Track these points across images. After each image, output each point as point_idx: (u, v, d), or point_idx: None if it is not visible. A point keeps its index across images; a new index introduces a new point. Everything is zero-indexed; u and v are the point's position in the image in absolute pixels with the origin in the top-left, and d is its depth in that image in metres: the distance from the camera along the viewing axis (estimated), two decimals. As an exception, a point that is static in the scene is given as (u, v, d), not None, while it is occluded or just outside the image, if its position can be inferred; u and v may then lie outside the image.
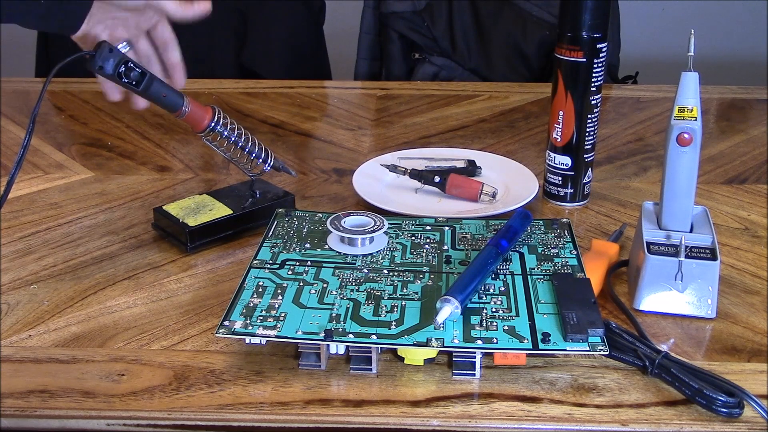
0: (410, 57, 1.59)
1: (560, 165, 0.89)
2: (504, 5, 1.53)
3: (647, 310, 0.69)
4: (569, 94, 0.86)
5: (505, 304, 0.64)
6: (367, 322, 0.62)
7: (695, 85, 0.68)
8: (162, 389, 0.60)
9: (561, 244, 0.73)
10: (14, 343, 0.66)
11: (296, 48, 1.63)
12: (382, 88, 1.33)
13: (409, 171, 0.90)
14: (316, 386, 0.60)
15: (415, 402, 0.59)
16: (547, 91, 0.90)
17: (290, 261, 0.71)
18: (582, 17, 0.82)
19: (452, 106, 1.23)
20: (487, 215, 0.83)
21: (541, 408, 0.58)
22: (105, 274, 0.75)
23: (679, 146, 0.69)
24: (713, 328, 0.68)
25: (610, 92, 1.31)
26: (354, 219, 0.75)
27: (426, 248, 0.73)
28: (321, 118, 1.19)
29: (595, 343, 0.59)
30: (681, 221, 0.71)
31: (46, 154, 1.04)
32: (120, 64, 0.71)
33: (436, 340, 0.59)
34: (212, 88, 1.29)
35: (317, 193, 0.93)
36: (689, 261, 0.67)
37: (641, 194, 0.93)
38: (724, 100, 1.27)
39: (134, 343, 0.66)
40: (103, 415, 0.58)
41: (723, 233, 0.83)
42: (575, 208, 0.90)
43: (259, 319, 0.62)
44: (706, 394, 0.57)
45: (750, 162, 1.03)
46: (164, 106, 0.75)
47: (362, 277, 0.68)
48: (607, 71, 1.52)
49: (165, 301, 0.72)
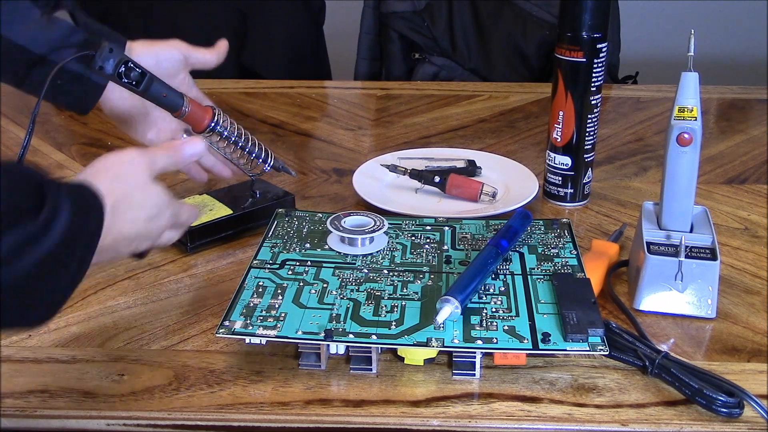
0: (410, 57, 1.59)
1: (560, 165, 0.89)
2: (504, 5, 1.53)
3: (647, 310, 0.69)
4: (569, 94, 0.85)
5: (505, 304, 0.64)
6: (367, 322, 0.62)
7: (695, 85, 0.68)
8: (162, 389, 0.60)
9: (561, 244, 0.73)
10: (14, 343, 0.66)
11: (296, 48, 1.63)
12: (382, 88, 1.33)
13: (409, 171, 0.90)
14: (316, 386, 0.60)
15: (415, 402, 0.59)
16: (547, 91, 0.90)
17: (290, 261, 0.71)
18: (582, 17, 0.82)
19: (452, 106, 1.23)
20: (487, 215, 0.83)
21: (541, 408, 0.58)
22: (105, 274, 0.75)
23: (679, 146, 0.69)
24: (713, 328, 0.68)
25: (610, 92, 1.31)
26: (354, 219, 0.75)
27: (426, 248, 0.73)
28: (321, 118, 1.19)
29: (595, 343, 0.59)
30: (681, 221, 0.71)
31: (46, 154, 1.04)
32: (120, 64, 0.71)
33: (436, 340, 0.59)
34: (212, 88, 1.28)
35: (317, 193, 0.93)
36: (689, 261, 0.67)
37: (641, 194, 0.93)
38: (724, 100, 1.27)
39: (134, 343, 0.66)
40: (103, 415, 0.58)
41: (723, 233, 0.83)
42: (575, 208, 0.90)
43: (259, 319, 0.62)
44: (706, 394, 0.57)
45: (750, 162, 1.03)
46: (164, 106, 0.75)
47: (362, 277, 0.68)
48: (607, 71, 1.52)
49: (165, 301, 0.72)
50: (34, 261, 0.47)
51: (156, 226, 0.62)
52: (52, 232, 0.48)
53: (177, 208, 0.65)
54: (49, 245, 0.48)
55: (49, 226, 0.48)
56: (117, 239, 0.57)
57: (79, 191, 0.53)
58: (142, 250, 0.63)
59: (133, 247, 0.61)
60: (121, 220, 0.57)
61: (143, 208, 0.60)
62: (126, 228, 0.58)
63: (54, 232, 0.48)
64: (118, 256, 0.61)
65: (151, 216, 0.61)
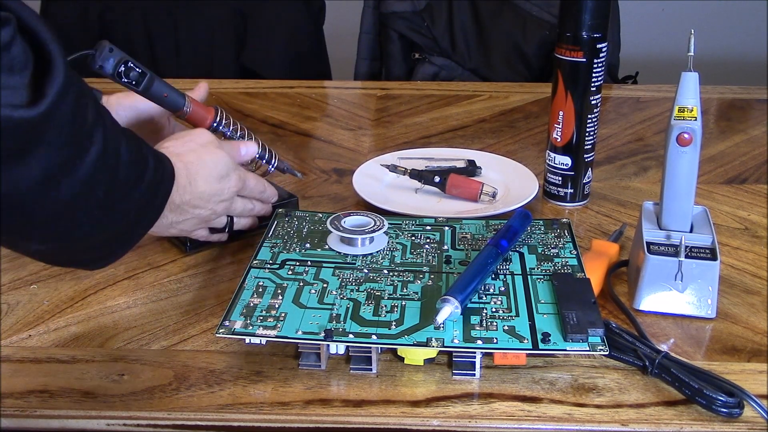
0: (410, 57, 1.59)
1: (560, 165, 0.89)
2: (504, 5, 1.53)
3: (647, 310, 0.69)
4: (569, 94, 0.85)
5: (505, 304, 0.64)
6: (367, 322, 0.62)
7: (695, 85, 0.68)
8: (162, 389, 0.60)
9: (561, 244, 0.73)
10: (14, 343, 0.66)
11: (296, 48, 1.63)
12: (382, 88, 1.33)
13: (409, 171, 0.90)
14: (316, 386, 0.60)
15: (415, 402, 0.59)
16: (547, 91, 0.90)
17: (290, 261, 0.71)
18: (582, 17, 0.82)
19: (452, 106, 1.23)
20: (487, 215, 0.83)
21: (541, 408, 0.58)
22: (105, 274, 0.75)
23: (679, 146, 0.69)
24: (713, 328, 0.68)
25: (610, 92, 1.31)
26: (354, 219, 0.75)
27: (426, 248, 0.73)
28: (321, 118, 1.19)
29: (595, 343, 0.59)
30: (681, 221, 0.71)
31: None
32: (120, 64, 0.71)
33: (436, 340, 0.59)
34: (212, 88, 1.28)
35: (317, 193, 0.93)
36: (689, 261, 0.67)
37: (641, 194, 0.93)
38: (724, 100, 1.27)
39: (134, 343, 0.66)
40: (103, 415, 0.58)
41: (723, 233, 0.83)
42: (575, 208, 0.90)
43: (259, 319, 0.62)
44: (706, 394, 0.57)
45: (750, 162, 1.03)
46: (166, 106, 0.75)
47: (362, 277, 0.68)
48: (607, 71, 1.52)
49: (165, 301, 0.72)
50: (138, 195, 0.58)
51: (227, 187, 0.70)
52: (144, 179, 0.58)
53: (243, 173, 0.73)
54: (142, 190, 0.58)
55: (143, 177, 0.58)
56: (195, 196, 0.67)
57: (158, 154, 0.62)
58: (219, 212, 0.71)
59: (211, 207, 0.69)
60: (195, 177, 0.66)
61: (214, 167, 0.69)
62: (201, 186, 0.67)
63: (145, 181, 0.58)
64: (202, 216, 0.70)
65: (221, 175, 0.69)
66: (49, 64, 0.48)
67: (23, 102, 0.46)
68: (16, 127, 0.45)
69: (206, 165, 0.68)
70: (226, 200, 0.71)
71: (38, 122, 0.46)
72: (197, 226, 0.72)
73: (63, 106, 0.48)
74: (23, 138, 0.46)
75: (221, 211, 0.72)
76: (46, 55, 0.48)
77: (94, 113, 0.52)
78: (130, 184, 0.57)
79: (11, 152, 0.46)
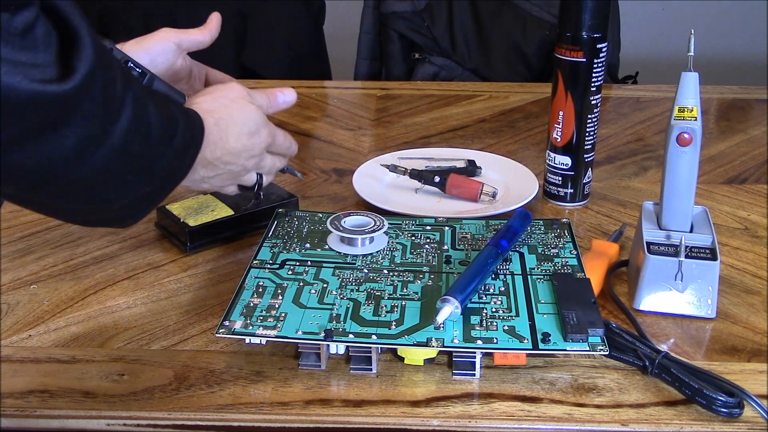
0: (410, 57, 1.59)
1: (560, 165, 0.89)
2: (504, 5, 1.53)
3: (647, 310, 0.69)
4: (569, 94, 0.85)
5: (505, 304, 0.64)
6: (367, 322, 0.62)
7: (695, 85, 0.68)
8: (162, 389, 0.60)
9: (561, 244, 0.73)
10: (14, 343, 0.66)
11: (296, 48, 1.63)
12: (382, 88, 1.33)
13: (409, 171, 0.90)
14: (316, 386, 0.60)
15: (415, 402, 0.59)
16: (547, 91, 0.90)
17: (290, 261, 0.71)
18: (582, 17, 0.82)
19: (452, 106, 1.23)
20: (487, 215, 0.83)
21: (541, 408, 0.58)
22: (105, 274, 0.75)
23: (679, 146, 0.69)
24: (713, 328, 0.68)
25: (610, 92, 1.31)
26: (354, 219, 0.75)
27: (426, 248, 0.73)
28: (321, 118, 1.19)
29: (595, 343, 0.59)
30: (681, 221, 0.71)
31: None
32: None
33: (436, 340, 0.59)
34: (212, 88, 1.29)
35: (317, 193, 0.93)
36: (689, 261, 0.67)
37: (641, 194, 0.93)
38: (724, 100, 1.27)
39: (134, 343, 0.66)
40: (103, 415, 0.58)
41: (723, 233, 0.83)
42: (575, 208, 0.90)
43: (259, 319, 0.62)
44: (706, 394, 0.57)
45: (750, 162, 1.03)
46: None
47: (362, 277, 0.68)
48: (607, 71, 1.52)
49: (165, 301, 0.72)
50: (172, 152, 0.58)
51: (258, 142, 0.70)
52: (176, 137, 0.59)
53: (273, 129, 0.73)
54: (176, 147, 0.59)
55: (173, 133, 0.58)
56: (226, 152, 0.67)
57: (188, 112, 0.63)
58: (250, 168, 0.71)
59: (241, 163, 0.69)
60: (226, 133, 0.66)
61: (245, 123, 0.69)
62: (231, 142, 0.67)
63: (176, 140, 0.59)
64: (233, 172, 0.70)
65: (252, 131, 0.69)
66: (76, 39, 0.49)
67: (53, 77, 0.47)
68: (49, 102, 0.47)
69: (237, 121, 0.68)
70: (256, 156, 0.71)
71: (71, 96, 0.48)
72: (227, 182, 0.72)
73: (94, 80, 0.49)
74: (57, 112, 0.48)
75: (251, 166, 0.72)
76: (72, 31, 0.49)
77: (123, 81, 0.53)
78: (162, 146, 0.57)
79: (46, 125, 0.48)
